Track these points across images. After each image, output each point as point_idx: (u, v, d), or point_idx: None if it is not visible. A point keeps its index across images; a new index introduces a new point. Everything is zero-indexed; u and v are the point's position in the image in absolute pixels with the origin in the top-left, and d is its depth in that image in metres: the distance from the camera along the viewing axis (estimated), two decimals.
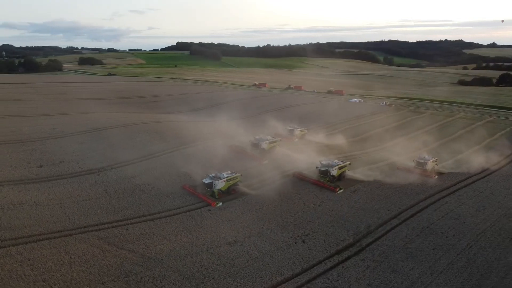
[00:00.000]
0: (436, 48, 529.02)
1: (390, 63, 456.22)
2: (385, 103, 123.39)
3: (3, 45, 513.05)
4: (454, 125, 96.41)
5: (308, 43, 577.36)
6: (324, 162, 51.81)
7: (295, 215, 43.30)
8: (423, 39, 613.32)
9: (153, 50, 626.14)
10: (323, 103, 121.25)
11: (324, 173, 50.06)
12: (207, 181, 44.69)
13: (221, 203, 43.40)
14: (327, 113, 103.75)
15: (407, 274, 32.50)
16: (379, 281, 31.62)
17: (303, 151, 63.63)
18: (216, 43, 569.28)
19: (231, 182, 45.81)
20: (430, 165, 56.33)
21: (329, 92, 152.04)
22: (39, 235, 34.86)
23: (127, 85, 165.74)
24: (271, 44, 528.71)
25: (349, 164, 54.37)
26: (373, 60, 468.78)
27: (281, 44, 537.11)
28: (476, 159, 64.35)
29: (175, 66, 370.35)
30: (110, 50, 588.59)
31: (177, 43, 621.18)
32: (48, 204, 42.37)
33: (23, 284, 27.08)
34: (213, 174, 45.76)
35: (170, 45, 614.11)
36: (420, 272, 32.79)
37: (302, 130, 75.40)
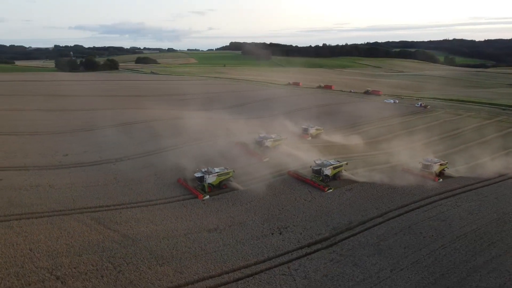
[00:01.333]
0: (506, 47, 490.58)
1: (451, 63, 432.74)
2: (421, 104, 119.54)
3: (75, 45, 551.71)
4: (488, 128, 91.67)
5: (365, 42, 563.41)
6: (318, 162, 52.53)
7: (282, 209, 44.94)
8: (492, 38, 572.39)
9: (209, 50, 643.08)
10: (353, 103, 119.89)
11: (317, 172, 50.93)
12: (198, 175, 47.54)
13: (207, 196, 45.93)
14: (354, 113, 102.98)
15: (367, 269, 33.20)
16: (337, 273, 32.66)
17: (309, 150, 64.67)
18: (269, 43, 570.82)
19: (223, 177, 48.21)
20: (436, 168, 55.10)
21: (366, 92, 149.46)
22: (41, 213, 39.69)
23: (164, 83, 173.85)
24: (327, 44, 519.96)
25: (346, 164, 54.56)
26: (431, 60, 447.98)
27: (340, 43, 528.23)
28: (497, 164, 61.76)
29: (224, 66, 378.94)
30: (170, 50, 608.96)
31: (231, 43, 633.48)
32: (61, 188, 47.57)
33: (12, 251, 31.54)
34: (205, 169, 48.46)
35: (226, 45, 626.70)
36: (380, 268, 33.34)
37: (317, 129, 76.14)
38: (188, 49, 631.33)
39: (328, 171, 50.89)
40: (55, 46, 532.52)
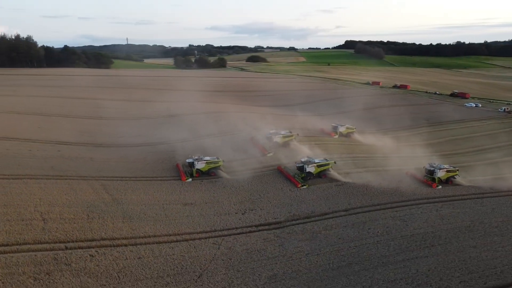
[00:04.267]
0: None
1: None
2: (505, 109, 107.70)
3: (206, 44, 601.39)
4: None
5: (509, 39, 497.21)
6: (303, 159, 55.03)
7: (258, 196, 49.86)
8: None
9: (325, 48, 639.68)
10: (421, 106, 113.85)
11: (300, 169, 53.76)
12: (189, 161, 54.87)
13: (190, 179, 52.99)
14: (414, 116, 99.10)
15: (287, 250, 36.78)
16: (258, 248, 37.04)
17: (320, 148, 66.84)
18: (386, 41, 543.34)
19: (212, 166, 54.70)
20: (440, 174, 53.17)
21: (452, 94, 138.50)
22: (68, 176, 51.45)
23: (249, 80, 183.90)
24: (464, 42, 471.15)
25: (334, 163, 55.92)
26: None
27: (479, 41, 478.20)
28: None
29: (328, 65, 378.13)
30: (291, 49, 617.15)
31: (346, 41, 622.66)
32: (97, 161, 59.76)
33: (27, 197, 43.00)
34: (196, 157, 55.45)
35: (340, 43, 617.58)
36: (299, 251, 36.56)
37: (348, 128, 77.06)
38: (309, 48, 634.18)
39: (311, 169, 53.18)
40: (189, 45, 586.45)
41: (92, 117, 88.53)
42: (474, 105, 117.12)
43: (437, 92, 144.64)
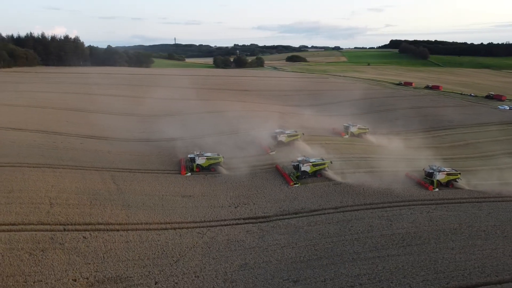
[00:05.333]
0: None
1: None
2: None
3: (251, 44, 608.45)
4: None
5: None
6: (299, 158, 56.07)
7: (253, 192, 51.83)
8: None
9: (370, 48, 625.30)
10: (451, 108, 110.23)
11: (295, 167, 54.95)
12: (191, 156, 57.64)
13: (189, 174, 55.76)
14: (439, 118, 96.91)
15: (265, 242, 38.62)
16: (238, 239, 39.14)
17: (324, 147, 67.55)
18: (433, 40, 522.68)
19: (212, 161, 57.17)
20: (440, 177, 52.53)
21: (487, 96, 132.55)
22: (83, 167, 55.77)
23: (280, 79, 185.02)
24: None
25: (330, 162, 56.54)
26: None
27: None
28: None
29: (368, 65, 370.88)
30: (336, 48, 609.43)
31: (390, 41, 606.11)
32: (113, 153, 64.16)
33: (40, 184, 47.56)
34: (197, 152, 58.10)
35: (387, 42, 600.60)
36: (276, 243, 38.26)
37: (360, 128, 76.95)
38: (354, 47, 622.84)
39: (306, 168, 54.12)
40: (234, 45, 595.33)
41: (118, 113, 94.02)
42: (508, 108, 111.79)
43: (472, 94, 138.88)
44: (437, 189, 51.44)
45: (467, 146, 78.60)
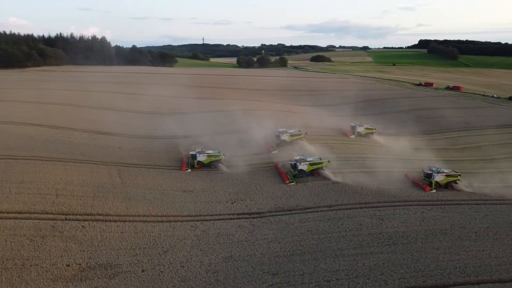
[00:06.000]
0: None
1: None
2: None
3: (278, 44, 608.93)
4: None
5: None
6: (297, 157, 56.67)
7: (251, 188, 53.03)
8: None
9: (398, 48, 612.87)
10: (467, 109, 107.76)
11: (293, 166, 55.64)
12: (192, 153, 59.34)
13: (189, 170, 57.49)
14: (453, 119, 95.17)
15: (254, 236, 39.74)
16: (228, 233, 40.45)
17: (327, 147, 67.82)
18: (464, 40, 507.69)
19: (212, 159, 58.72)
20: (439, 178, 52.17)
21: (511, 98, 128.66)
22: (92, 161, 58.72)
23: (298, 79, 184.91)
24: None
25: (328, 162, 56.92)
26: None
27: None
28: None
29: (393, 65, 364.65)
30: (364, 48, 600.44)
31: (419, 41, 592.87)
32: (124, 149, 66.94)
33: (50, 177, 50.40)
34: (199, 149, 59.72)
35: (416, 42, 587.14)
36: (264, 238, 39.30)
37: (367, 128, 76.78)
38: (384, 47, 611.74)
39: (303, 166, 54.65)
40: (262, 44, 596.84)
41: (133, 111, 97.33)
42: None
43: (495, 96, 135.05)
44: (434, 190, 51.09)
45: (479, 149, 77.02)
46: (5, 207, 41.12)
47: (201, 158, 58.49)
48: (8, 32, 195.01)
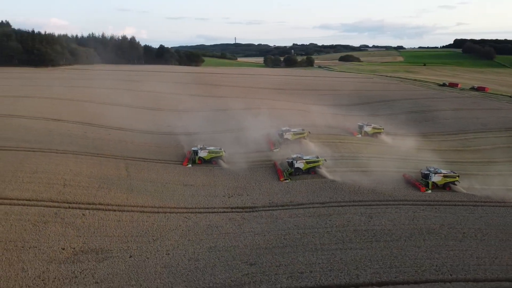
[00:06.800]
0: None
1: None
2: None
3: (310, 43, 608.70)
4: None
5: None
6: (294, 155, 57.37)
7: (250, 184, 54.56)
8: None
9: (432, 47, 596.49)
10: (487, 111, 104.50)
11: (289, 164, 56.53)
12: (194, 149, 61.29)
13: (190, 165, 59.60)
14: (475, 121, 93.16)
15: (242, 229, 41.31)
16: (216, 225, 42.14)
17: (330, 146, 68.20)
18: (503, 39, 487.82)
19: (213, 155, 60.46)
20: (437, 179, 51.82)
21: None
22: (101, 154, 61.87)
23: (322, 79, 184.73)
24: None
25: (325, 160, 57.37)
26: None
27: None
28: None
29: (424, 65, 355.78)
30: (399, 48, 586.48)
31: (454, 40, 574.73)
32: (136, 144, 70.09)
33: (61, 168, 53.73)
34: (201, 146, 61.58)
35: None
36: (251, 231, 40.75)
37: (374, 128, 76.45)
38: (419, 47, 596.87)
39: (300, 165, 55.39)
40: (293, 44, 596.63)
41: (149, 108, 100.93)
42: None
43: None
44: (429, 191, 50.82)
45: (494, 151, 74.98)
46: (15, 194, 44.49)
47: (202, 154, 60.46)
48: (43, 33, 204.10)
